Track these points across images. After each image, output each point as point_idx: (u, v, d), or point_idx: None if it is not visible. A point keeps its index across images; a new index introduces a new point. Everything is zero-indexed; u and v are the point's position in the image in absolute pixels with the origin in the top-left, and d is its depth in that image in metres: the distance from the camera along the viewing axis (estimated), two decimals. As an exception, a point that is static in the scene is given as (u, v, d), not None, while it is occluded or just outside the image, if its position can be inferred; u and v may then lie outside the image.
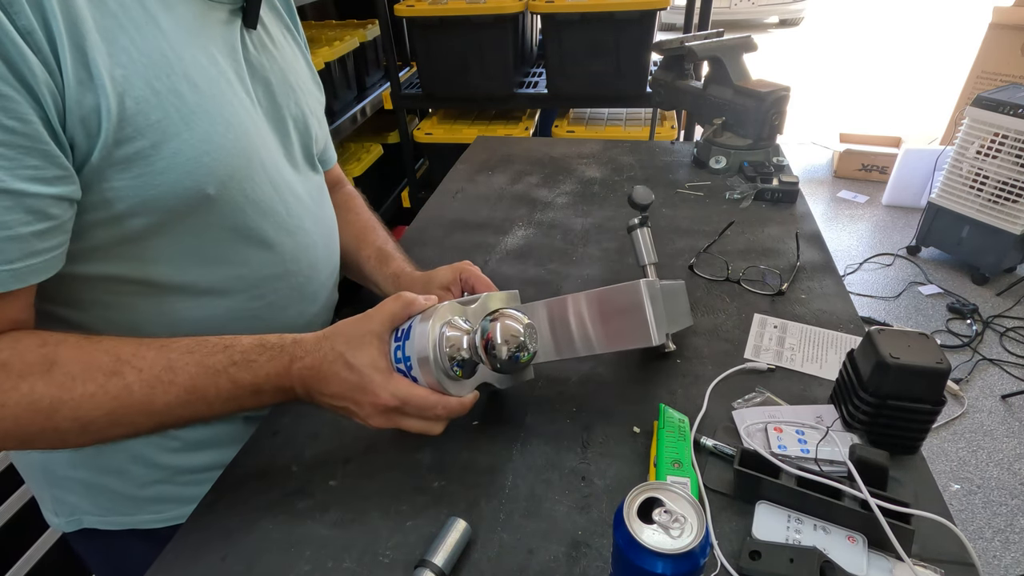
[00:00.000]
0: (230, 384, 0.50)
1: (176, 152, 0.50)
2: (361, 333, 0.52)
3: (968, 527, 1.53)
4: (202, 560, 0.52)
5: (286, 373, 0.52)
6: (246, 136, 0.57)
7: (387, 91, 2.21)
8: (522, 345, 0.50)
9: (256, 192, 0.59)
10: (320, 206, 0.72)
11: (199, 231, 0.55)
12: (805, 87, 4.71)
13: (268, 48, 0.64)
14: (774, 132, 1.15)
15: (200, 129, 0.52)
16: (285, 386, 0.52)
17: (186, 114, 0.51)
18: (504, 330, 0.50)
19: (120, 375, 0.47)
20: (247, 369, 0.51)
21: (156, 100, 0.49)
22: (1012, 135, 2.18)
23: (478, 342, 0.51)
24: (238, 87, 0.58)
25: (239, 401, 0.51)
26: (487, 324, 0.51)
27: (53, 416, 0.46)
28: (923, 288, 2.43)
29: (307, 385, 0.52)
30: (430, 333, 0.50)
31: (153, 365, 0.48)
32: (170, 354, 0.49)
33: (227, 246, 0.58)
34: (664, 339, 0.62)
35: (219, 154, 0.53)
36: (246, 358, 0.51)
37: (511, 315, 0.51)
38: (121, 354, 0.48)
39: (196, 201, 0.53)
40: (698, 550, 0.35)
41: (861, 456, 0.51)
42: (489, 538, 0.52)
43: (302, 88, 0.69)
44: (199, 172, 0.52)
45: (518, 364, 0.51)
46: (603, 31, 1.89)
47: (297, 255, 0.65)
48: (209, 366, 0.50)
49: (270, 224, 0.61)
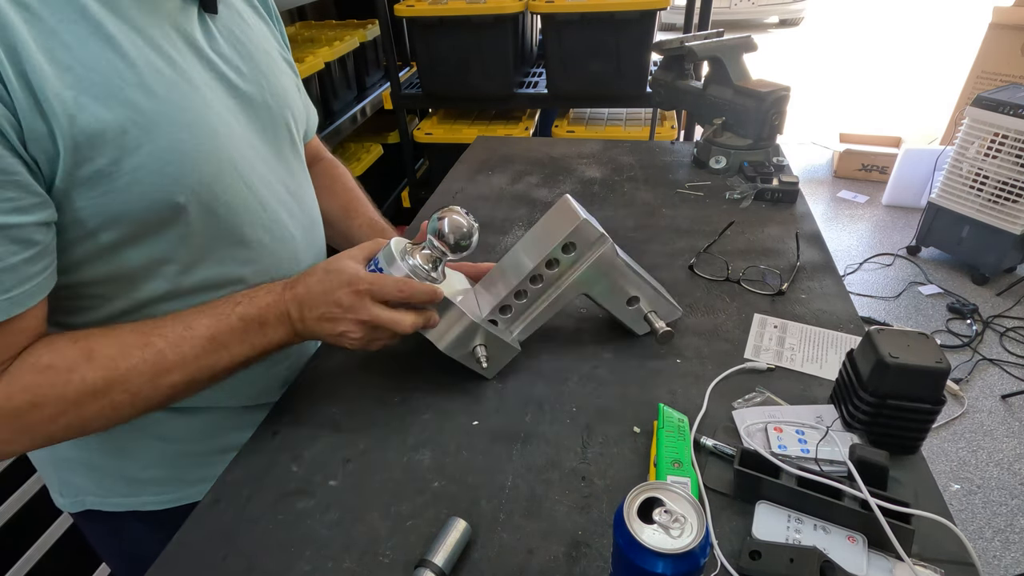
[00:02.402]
0: (239, 322, 0.56)
1: (138, 166, 0.49)
2: (338, 256, 0.60)
3: (968, 527, 1.53)
4: (202, 560, 0.52)
5: (280, 299, 0.58)
6: (213, 138, 0.55)
7: (387, 91, 2.22)
8: (466, 233, 0.60)
9: (229, 193, 0.58)
10: (297, 196, 0.70)
11: (174, 238, 0.55)
12: (805, 87, 4.71)
13: (235, 33, 0.62)
14: (774, 132, 1.15)
15: (161, 139, 0.50)
16: (283, 311, 0.57)
17: (144, 125, 0.49)
18: (451, 222, 0.60)
19: (151, 345, 0.52)
20: (250, 304, 0.57)
21: (110, 116, 0.47)
22: (1012, 135, 2.18)
23: (432, 237, 0.60)
24: (201, 85, 0.56)
25: (250, 339, 0.57)
26: (436, 220, 0.60)
27: (109, 393, 0.51)
28: (923, 288, 2.43)
29: (300, 305, 0.57)
30: (395, 246, 0.60)
31: (173, 329, 0.54)
32: (185, 318, 0.55)
33: (204, 249, 0.58)
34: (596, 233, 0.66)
35: (185, 162, 0.52)
36: (248, 297, 0.58)
37: (455, 210, 0.60)
38: (145, 329, 0.53)
39: (167, 211, 0.53)
40: (698, 550, 0.35)
41: (861, 456, 0.51)
42: (489, 538, 0.52)
43: (274, 69, 0.67)
44: (166, 182, 0.51)
45: (465, 246, 0.60)
46: (603, 31, 1.89)
47: (276, 250, 0.65)
48: (219, 313, 0.56)
49: (246, 223, 0.61)
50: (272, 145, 0.66)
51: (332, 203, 0.85)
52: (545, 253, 0.64)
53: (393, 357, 0.73)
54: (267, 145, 0.65)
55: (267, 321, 0.57)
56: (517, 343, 0.68)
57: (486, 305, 0.66)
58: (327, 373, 0.72)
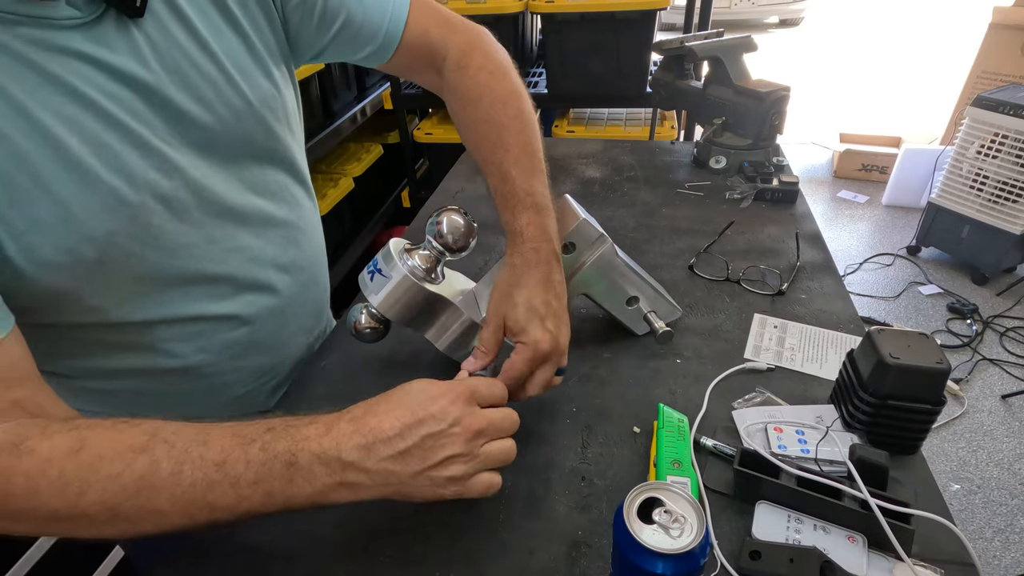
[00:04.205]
0: (261, 453, 0.42)
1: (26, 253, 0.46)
2: (402, 386, 0.47)
3: (968, 527, 1.53)
4: (203, 560, 0.52)
5: (328, 432, 0.43)
6: (122, 195, 0.50)
7: (387, 91, 2.21)
8: (465, 233, 0.60)
9: (156, 239, 0.54)
10: (265, 219, 0.64)
11: (104, 286, 0.52)
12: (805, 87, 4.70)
13: (174, 37, 0.52)
14: (774, 132, 1.15)
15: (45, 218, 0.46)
16: (325, 450, 0.42)
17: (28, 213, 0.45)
18: (449, 222, 0.59)
19: (149, 451, 0.42)
20: (284, 435, 0.43)
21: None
22: (1012, 135, 2.18)
23: (431, 237, 0.60)
24: (121, 118, 0.49)
25: (269, 478, 0.42)
26: (434, 221, 0.59)
27: (79, 502, 0.41)
28: (923, 288, 2.43)
29: (366, 434, 0.43)
30: (393, 247, 0.60)
31: (186, 438, 0.43)
32: (209, 428, 0.44)
33: (145, 295, 0.56)
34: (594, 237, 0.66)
35: (86, 229, 0.48)
36: (285, 423, 0.44)
37: (453, 210, 0.60)
38: (159, 431, 0.43)
39: (81, 271, 0.50)
40: (698, 550, 0.35)
41: (861, 456, 0.51)
42: (489, 538, 0.52)
43: (239, 72, 0.57)
44: (67, 255, 0.48)
45: (464, 246, 0.60)
46: (603, 31, 1.89)
47: (250, 276, 0.63)
48: (244, 435, 0.43)
49: (187, 259, 0.57)
50: (234, 166, 0.60)
51: (467, 132, 0.68)
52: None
53: (393, 357, 0.73)
54: (226, 170, 0.59)
55: (298, 462, 0.42)
56: None
57: (486, 305, 0.66)
58: (327, 373, 0.72)
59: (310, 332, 0.77)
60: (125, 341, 0.59)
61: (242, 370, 0.68)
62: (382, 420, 0.43)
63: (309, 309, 0.75)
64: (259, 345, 0.68)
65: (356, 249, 2.12)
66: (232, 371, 0.67)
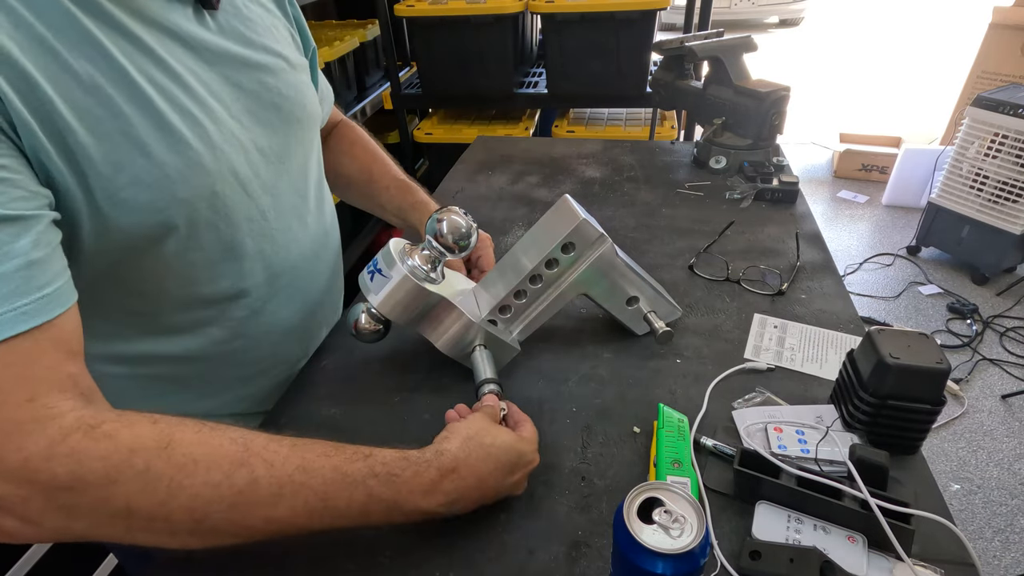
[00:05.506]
0: (365, 498, 0.44)
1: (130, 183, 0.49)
2: (482, 422, 0.52)
3: (968, 527, 1.53)
4: (203, 560, 0.52)
5: (432, 491, 0.46)
6: (205, 162, 0.54)
7: (387, 91, 2.21)
8: (464, 233, 0.60)
9: (226, 208, 0.57)
10: (304, 196, 0.69)
11: (168, 258, 0.54)
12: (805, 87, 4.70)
13: (237, 28, 0.59)
14: (774, 132, 1.15)
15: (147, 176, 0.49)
16: (428, 509, 0.47)
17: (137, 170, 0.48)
18: (449, 223, 0.60)
19: (249, 467, 0.41)
20: (389, 484, 0.45)
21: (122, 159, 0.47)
22: (1012, 135, 2.18)
23: (431, 237, 0.60)
24: (201, 93, 0.54)
25: (367, 518, 0.45)
26: (434, 221, 0.60)
27: (168, 503, 0.40)
28: (923, 288, 2.43)
29: (458, 485, 0.48)
30: (393, 247, 0.60)
31: (286, 463, 0.43)
32: (305, 454, 0.44)
33: (202, 267, 0.57)
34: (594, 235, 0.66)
35: (175, 190, 0.51)
36: (388, 470, 0.46)
37: (453, 211, 0.60)
38: (252, 445, 0.43)
39: (160, 234, 0.52)
40: (698, 550, 0.35)
41: (861, 456, 0.51)
42: (489, 538, 0.52)
43: (282, 63, 0.64)
44: (156, 215, 0.51)
45: (464, 246, 0.60)
46: (603, 31, 1.89)
47: (281, 256, 0.65)
48: (347, 473, 0.44)
49: (246, 235, 0.60)
50: (281, 144, 0.64)
51: (352, 166, 0.82)
52: (544, 253, 0.64)
53: (393, 357, 0.73)
54: (274, 146, 0.63)
55: (400, 508, 0.46)
56: (517, 343, 0.68)
57: (486, 305, 0.66)
58: (327, 373, 0.72)
59: (318, 329, 0.78)
60: (168, 324, 0.60)
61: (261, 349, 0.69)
62: (484, 480, 0.49)
63: (332, 300, 0.79)
64: (280, 327, 0.69)
65: (356, 249, 2.12)
66: (254, 348, 0.67)
